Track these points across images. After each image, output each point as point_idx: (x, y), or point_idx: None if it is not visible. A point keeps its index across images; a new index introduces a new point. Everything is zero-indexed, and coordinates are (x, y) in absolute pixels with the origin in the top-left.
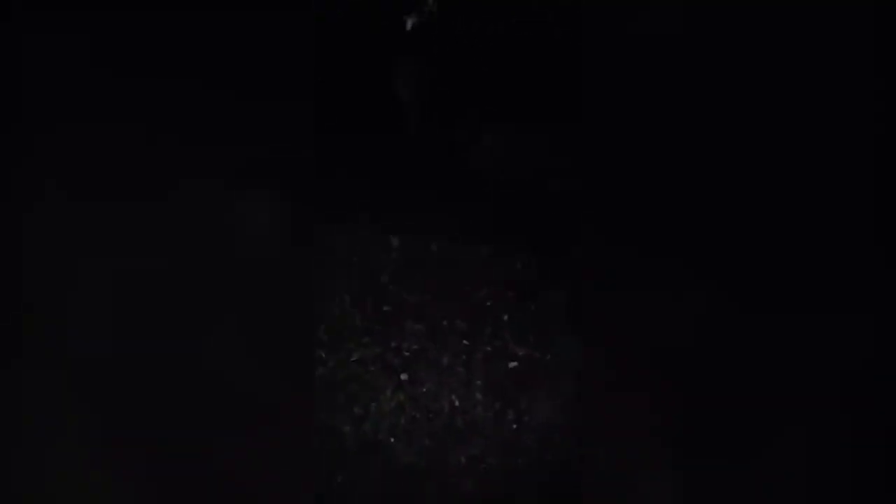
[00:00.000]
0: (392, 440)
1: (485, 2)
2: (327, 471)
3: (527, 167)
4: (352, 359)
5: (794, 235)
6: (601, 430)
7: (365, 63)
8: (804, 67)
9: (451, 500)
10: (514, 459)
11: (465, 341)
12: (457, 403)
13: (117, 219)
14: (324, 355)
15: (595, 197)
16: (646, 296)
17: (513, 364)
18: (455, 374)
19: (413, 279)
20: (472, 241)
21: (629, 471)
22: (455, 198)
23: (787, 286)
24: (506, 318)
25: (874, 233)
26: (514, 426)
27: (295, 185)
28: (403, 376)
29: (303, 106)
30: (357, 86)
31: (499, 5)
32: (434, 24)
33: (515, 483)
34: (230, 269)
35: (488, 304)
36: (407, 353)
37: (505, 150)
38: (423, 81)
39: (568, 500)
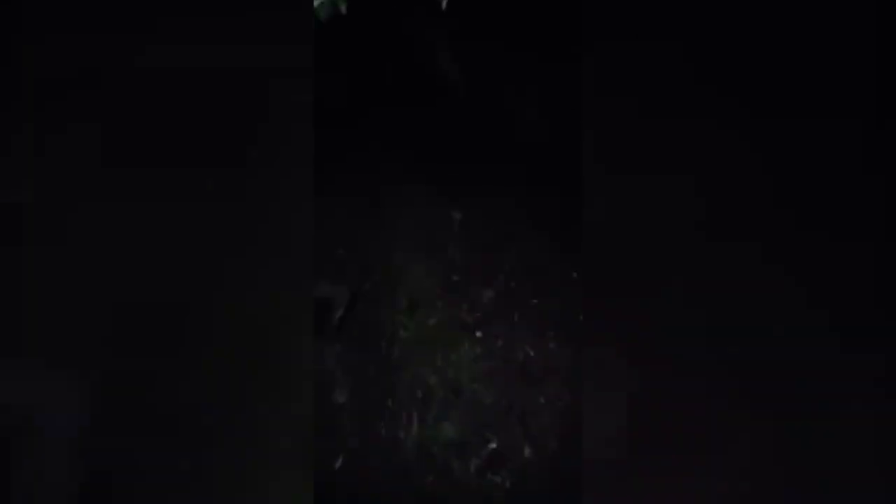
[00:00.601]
0: (474, 385)
1: None
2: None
3: None
4: (429, 322)
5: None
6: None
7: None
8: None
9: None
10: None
11: (533, 300)
12: (531, 353)
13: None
14: (404, 321)
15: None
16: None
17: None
18: (526, 328)
19: (477, 248)
20: (531, 205)
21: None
22: (510, 165)
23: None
24: (574, 275)
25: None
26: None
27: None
28: (478, 333)
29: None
30: (399, 62)
31: None
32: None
33: None
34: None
35: (554, 264)
36: (479, 314)
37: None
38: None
39: None
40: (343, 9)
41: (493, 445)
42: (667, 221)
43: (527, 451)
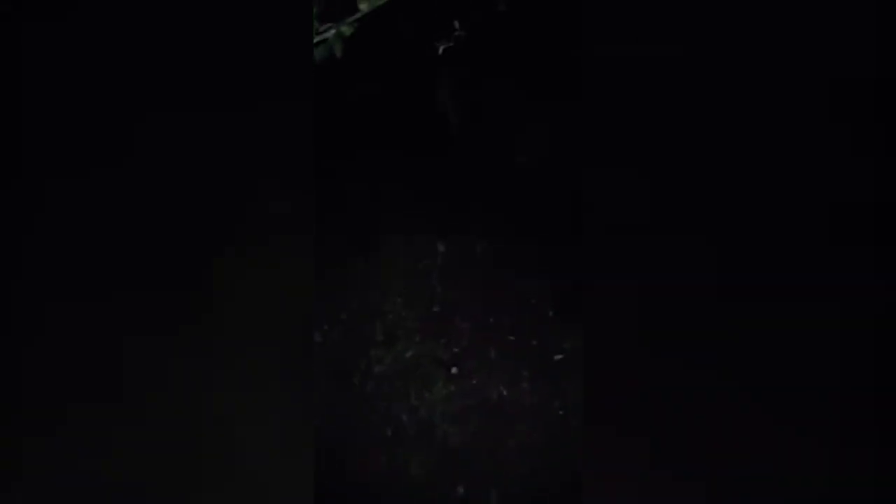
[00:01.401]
0: (445, 424)
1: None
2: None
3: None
4: (406, 354)
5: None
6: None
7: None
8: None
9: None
10: (560, 442)
11: (510, 336)
12: (504, 392)
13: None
14: (381, 353)
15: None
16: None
17: (558, 356)
18: (503, 367)
19: (459, 280)
20: (516, 239)
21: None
22: (498, 198)
23: (792, 280)
24: (551, 314)
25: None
26: (561, 412)
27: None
28: (454, 370)
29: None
30: (396, 100)
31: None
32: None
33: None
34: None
35: (533, 301)
36: (456, 349)
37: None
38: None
39: None
40: (338, 52)
41: (461, 490)
42: (659, 261)
43: (493, 494)
